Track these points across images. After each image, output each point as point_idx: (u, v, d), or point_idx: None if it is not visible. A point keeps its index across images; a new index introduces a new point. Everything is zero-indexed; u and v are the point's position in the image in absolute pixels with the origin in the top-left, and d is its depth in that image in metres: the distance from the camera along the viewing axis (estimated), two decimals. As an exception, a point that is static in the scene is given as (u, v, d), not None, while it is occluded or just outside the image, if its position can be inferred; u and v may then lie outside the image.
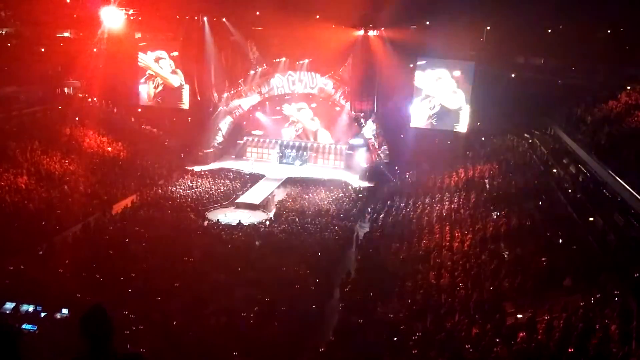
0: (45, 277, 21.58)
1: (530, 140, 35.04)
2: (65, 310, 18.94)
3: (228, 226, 29.69)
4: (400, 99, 40.71)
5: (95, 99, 42.71)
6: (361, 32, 39.41)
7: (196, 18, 42.56)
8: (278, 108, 45.60)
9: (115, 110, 44.16)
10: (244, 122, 45.92)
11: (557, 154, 30.26)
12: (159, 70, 43.97)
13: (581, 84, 35.83)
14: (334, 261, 25.98)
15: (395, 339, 18.05)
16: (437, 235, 26.24)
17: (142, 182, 35.54)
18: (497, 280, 20.04)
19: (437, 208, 29.95)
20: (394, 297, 21.05)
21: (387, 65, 38.73)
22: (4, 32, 40.97)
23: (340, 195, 35.77)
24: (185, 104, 44.27)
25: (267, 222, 30.98)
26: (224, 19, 42.19)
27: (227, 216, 32.16)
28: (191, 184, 36.30)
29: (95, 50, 41.08)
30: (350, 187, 37.56)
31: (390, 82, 39.35)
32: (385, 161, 40.71)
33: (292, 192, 36.53)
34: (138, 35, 44.01)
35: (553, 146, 31.79)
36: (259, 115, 45.73)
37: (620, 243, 18.71)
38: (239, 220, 30.60)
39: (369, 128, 41.07)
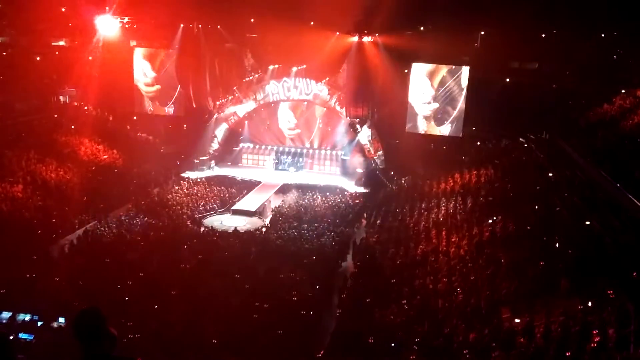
0: (42, 286, 21.55)
1: (525, 145, 35.03)
2: (61, 319, 18.88)
3: (224, 233, 29.66)
4: (395, 105, 40.75)
5: (90, 107, 42.66)
6: (356, 39, 39.56)
7: (191, 26, 42.62)
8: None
9: (110, 118, 44.07)
10: (240, 129, 45.91)
11: (553, 158, 30.30)
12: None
13: (576, 88, 35.91)
14: (331, 267, 25.99)
15: (393, 344, 18.04)
16: (434, 241, 26.25)
17: (138, 189, 35.47)
18: (494, 285, 20.05)
19: (434, 213, 29.97)
20: (391, 303, 21.02)
21: (381, 71, 38.82)
22: (-1, 41, 41.03)
23: (336, 201, 35.77)
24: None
25: (264, 229, 30.95)
26: (218, 27, 42.21)
27: (223, 223, 32.14)
28: (187, 191, 36.23)
29: (90, 58, 41.10)
30: (346, 193, 37.56)
31: (385, 87, 39.41)
32: (381, 166, 40.74)
33: (288, 199, 36.52)
34: (133, 43, 44.02)
35: (548, 150, 31.83)
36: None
37: (616, 246, 18.73)
38: (235, 227, 30.57)
39: (365, 134, 41.14)
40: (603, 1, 33.88)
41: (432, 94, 39.62)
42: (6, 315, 19.49)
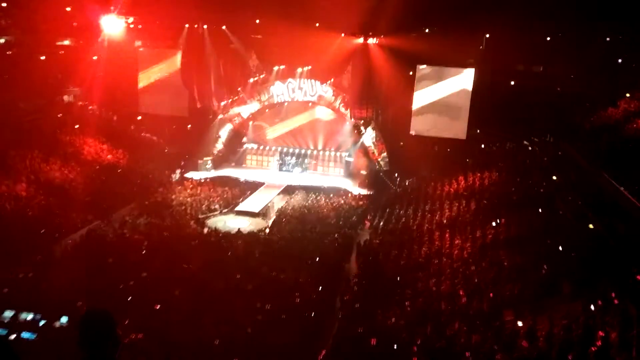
0: (44, 286, 21.57)
1: (529, 148, 35.02)
2: (64, 319, 18.90)
3: (228, 234, 29.66)
4: (400, 107, 40.70)
5: (94, 106, 42.73)
6: (361, 40, 39.57)
7: (196, 26, 42.70)
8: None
9: (114, 118, 44.16)
10: (244, 130, 45.95)
11: (557, 161, 30.26)
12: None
13: (580, 91, 35.86)
14: (334, 269, 25.94)
15: (395, 347, 18.01)
16: (437, 243, 26.23)
17: (142, 189, 35.49)
18: (497, 287, 20.02)
19: (437, 215, 29.94)
20: (394, 305, 21.02)
21: (386, 73, 38.80)
22: (4, 41, 41.02)
23: (340, 202, 35.74)
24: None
25: (267, 230, 30.95)
26: (223, 27, 42.29)
27: (226, 224, 32.14)
28: (191, 192, 36.25)
29: (95, 58, 41.19)
30: (350, 195, 37.51)
31: (390, 89, 39.41)
32: (385, 168, 40.71)
33: (292, 200, 36.51)
34: (138, 43, 44.11)
35: (552, 154, 31.79)
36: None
37: (620, 250, 18.69)
38: (239, 228, 30.59)
39: (369, 135, 41.12)
40: (608, 4, 33.80)
41: (436, 96, 39.53)
42: (9, 314, 19.51)
